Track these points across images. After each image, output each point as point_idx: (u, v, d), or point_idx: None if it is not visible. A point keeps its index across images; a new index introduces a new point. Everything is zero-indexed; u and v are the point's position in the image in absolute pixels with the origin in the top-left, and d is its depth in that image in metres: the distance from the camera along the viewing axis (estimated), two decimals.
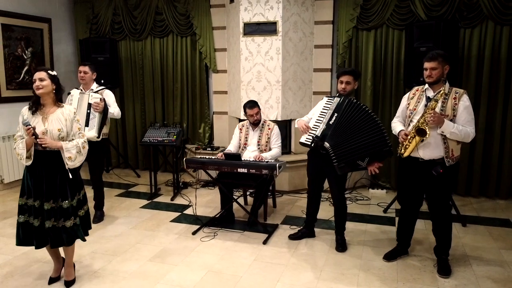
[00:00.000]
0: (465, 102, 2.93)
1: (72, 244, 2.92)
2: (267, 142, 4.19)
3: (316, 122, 3.41)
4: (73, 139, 2.84)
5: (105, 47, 5.53)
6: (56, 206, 2.79)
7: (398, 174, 3.31)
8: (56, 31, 6.05)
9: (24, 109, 2.82)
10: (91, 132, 3.91)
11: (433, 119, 2.85)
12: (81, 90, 4.14)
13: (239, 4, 5.10)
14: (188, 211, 4.52)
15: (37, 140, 2.69)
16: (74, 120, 2.86)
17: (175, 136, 4.93)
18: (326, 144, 3.26)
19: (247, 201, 4.74)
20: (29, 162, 2.76)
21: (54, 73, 2.85)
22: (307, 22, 5.17)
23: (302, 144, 3.43)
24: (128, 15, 5.98)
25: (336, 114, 3.32)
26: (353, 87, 3.45)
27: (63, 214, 2.82)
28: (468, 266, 3.24)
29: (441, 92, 2.92)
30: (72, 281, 3.00)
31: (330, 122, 3.32)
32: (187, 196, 5.01)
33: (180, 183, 5.35)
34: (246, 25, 5.11)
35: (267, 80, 5.16)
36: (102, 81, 5.50)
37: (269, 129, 4.21)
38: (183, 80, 5.96)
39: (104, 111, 3.99)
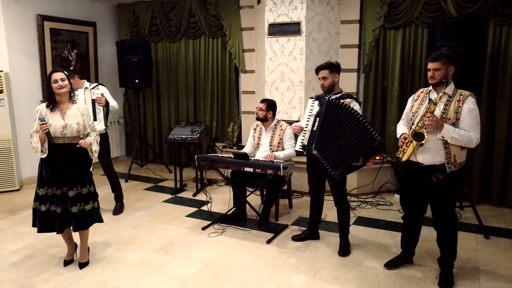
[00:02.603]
0: (469, 105, 2.75)
1: (90, 225, 3.20)
2: (279, 143, 4.20)
3: (304, 128, 3.44)
4: (88, 133, 3.14)
5: (139, 48, 5.84)
6: (77, 193, 3.08)
7: (400, 178, 3.18)
8: (100, 33, 6.49)
9: (41, 106, 3.08)
10: (100, 125, 4.19)
11: (430, 123, 2.71)
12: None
13: (264, 5, 5.15)
14: (206, 207, 4.66)
15: (78, 144, 3.02)
16: (88, 115, 3.18)
17: (198, 134, 5.10)
18: (314, 151, 3.30)
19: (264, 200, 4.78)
20: (44, 155, 3.04)
21: (66, 73, 3.12)
22: (332, 22, 5.09)
23: (297, 151, 3.49)
24: (165, 18, 6.26)
25: (318, 119, 3.32)
26: (333, 80, 3.40)
27: (83, 199, 3.10)
28: (475, 281, 3.03)
29: (440, 94, 2.76)
30: (86, 263, 3.28)
31: (314, 129, 3.33)
32: (209, 193, 5.16)
33: (205, 180, 5.52)
34: (271, 25, 5.15)
35: (290, 81, 5.16)
36: (136, 80, 5.84)
37: (281, 130, 4.23)
38: (213, 80, 6.13)
39: (106, 104, 4.27)
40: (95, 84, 4.48)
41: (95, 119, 4.18)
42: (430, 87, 2.93)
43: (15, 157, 5.21)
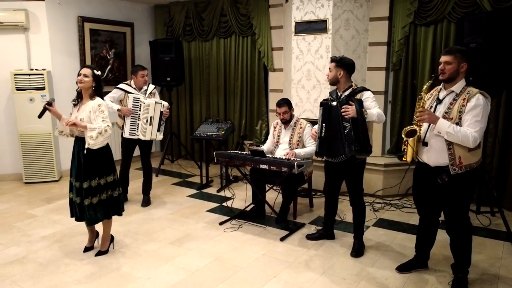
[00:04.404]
0: (471, 102, 2.60)
1: (91, 225, 3.37)
2: (298, 141, 4.19)
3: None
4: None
5: (171, 47, 6.03)
6: (80, 186, 3.24)
7: (413, 180, 3.08)
8: (138, 33, 6.77)
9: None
10: (161, 136, 4.54)
11: (421, 118, 2.68)
12: (134, 88, 4.55)
13: (291, 3, 5.15)
14: (227, 203, 4.74)
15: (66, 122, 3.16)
16: (99, 111, 3.17)
17: (223, 132, 5.19)
18: (325, 157, 3.43)
19: None
20: (56, 132, 3.35)
21: (98, 73, 3.27)
22: (360, 19, 4.98)
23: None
24: (198, 18, 6.42)
25: (324, 125, 3.36)
26: (336, 75, 3.36)
27: (85, 193, 3.22)
28: None
29: (426, 85, 2.75)
30: (104, 252, 3.45)
31: (322, 135, 3.37)
32: (232, 189, 5.23)
33: (231, 177, 5.61)
34: (298, 24, 5.13)
35: (316, 79, 5.11)
36: (168, 78, 6.05)
37: (300, 128, 4.21)
38: (243, 78, 6.21)
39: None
40: (152, 87, 4.70)
41: (158, 129, 4.48)
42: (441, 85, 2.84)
43: (55, 150, 5.57)
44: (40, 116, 3.22)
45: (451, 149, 2.65)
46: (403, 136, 2.81)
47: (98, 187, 3.24)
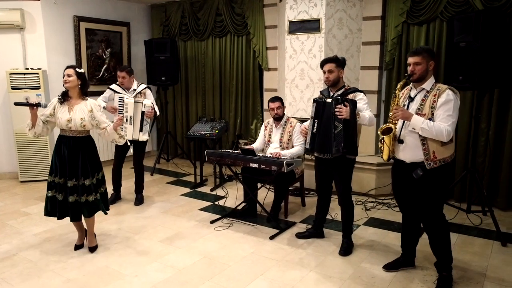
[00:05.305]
0: (442, 97, 2.65)
1: (92, 216, 3.40)
2: (288, 139, 4.20)
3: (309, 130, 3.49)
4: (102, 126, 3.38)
5: (166, 47, 6.06)
6: (78, 184, 3.28)
7: (391, 178, 3.10)
8: (134, 33, 6.80)
9: (54, 99, 3.34)
10: (145, 136, 4.46)
11: (395, 114, 2.72)
12: (123, 89, 4.57)
13: (285, 2, 5.16)
14: (220, 202, 4.76)
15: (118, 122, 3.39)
16: (100, 111, 3.38)
17: (217, 131, 5.21)
18: (316, 154, 3.44)
19: None
20: (32, 133, 3.32)
21: (81, 70, 3.32)
22: (354, 18, 4.99)
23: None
24: (193, 17, 6.44)
25: (316, 121, 3.33)
26: (338, 75, 3.35)
27: (86, 190, 3.30)
28: None
29: (400, 83, 2.77)
30: (95, 247, 3.51)
31: (314, 131, 3.34)
32: (226, 188, 5.25)
33: (225, 176, 5.62)
34: (291, 23, 5.15)
35: (309, 78, 5.12)
36: (163, 78, 6.07)
37: (291, 126, 4.22)
38: (238, 77, 6.23)
39: (154, 116, 4.53)
40: (143, 87, 4.64)
41: (141, 130, 4.41)
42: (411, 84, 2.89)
43: (50, 149, 5.60)
44: (17, 104, 3.25)
45: (425, 145, 2.70)
46: (379, 133, 2.85)
47: (98, 181, 3.38)
